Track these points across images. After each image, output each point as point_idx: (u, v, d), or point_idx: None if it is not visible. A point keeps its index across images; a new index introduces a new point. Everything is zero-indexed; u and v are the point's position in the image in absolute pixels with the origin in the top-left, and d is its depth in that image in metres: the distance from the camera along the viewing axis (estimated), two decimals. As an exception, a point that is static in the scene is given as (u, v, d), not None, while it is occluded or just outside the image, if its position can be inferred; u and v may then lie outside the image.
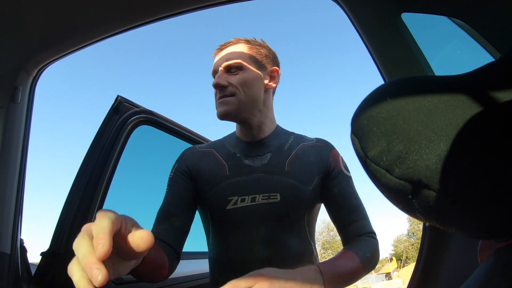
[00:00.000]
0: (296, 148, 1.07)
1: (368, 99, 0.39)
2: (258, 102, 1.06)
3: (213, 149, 1.11)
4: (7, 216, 1.10)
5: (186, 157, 1.11)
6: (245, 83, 1.02)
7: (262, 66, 1.08)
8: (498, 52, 0.80)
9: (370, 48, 0.94)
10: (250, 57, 1.06)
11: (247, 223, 0.98)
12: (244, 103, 1.02)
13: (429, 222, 0.35)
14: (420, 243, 0.92)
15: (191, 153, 1.12)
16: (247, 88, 1.02)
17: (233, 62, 1.03)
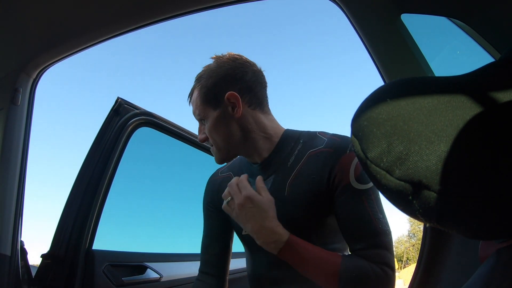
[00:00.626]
0: (301, 162, 0.94)
1: (368, 100, 0.39)
2: (236, 137, 0.97)
3: (232, 172, 1.10)
4: (7, 218, 1.10)
5: (209, 188, 1.13)
6: (212, 131, 0.97)
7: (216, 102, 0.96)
8: (498, 53, 0.80)
9: (370, 49, 0.94)
10: (202, 103, 0.97)
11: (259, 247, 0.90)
12: (224, 147, 0.98)
13: (430, 223, 0.35)
14: (421, 244, 0.92)
15: (213, 181, 1.13)
16: (216, 135, 0.97)
17: (197, 117, 1.01)
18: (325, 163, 0.90)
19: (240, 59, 0.99)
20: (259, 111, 0.99)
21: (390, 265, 0.83)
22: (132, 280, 1.40)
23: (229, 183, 0.90)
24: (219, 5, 1.05)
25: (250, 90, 0.97)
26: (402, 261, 36.86)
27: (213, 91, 0.96)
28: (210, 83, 0.96)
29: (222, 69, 0.96)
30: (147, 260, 1.52)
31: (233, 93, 0.94)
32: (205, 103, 0.97)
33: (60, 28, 1.08)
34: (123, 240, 1.75)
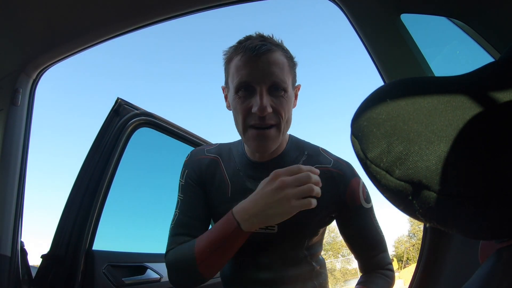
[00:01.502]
0: None
1: (368, 100, 0.39)
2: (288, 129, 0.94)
3: (220, 156, 1.00)
4: (7, 218, 1.10)
5: (194, 163, 1.01)
6: (288, 109, 0.88)
7: (294, 85, 0.93)
8: (498, 52, 0.80)
9: (370, 49, 0.94)
10: (290, 73, 0.89)
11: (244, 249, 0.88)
12: (283, 134, 0.89)
13: (430, 223, 0.35)
14: (421, 244, 0.92)
15: (199, 159, 1.01)
16: (288, 116, 0.88)
17: (281, 82, 0.85)
18: (336, 184, 0.94)
19: None
20: None
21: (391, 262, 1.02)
22: (132, 281, 1.40)
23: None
24: (219, 5, 1.05)
25: None
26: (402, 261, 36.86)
27: (295, 71, 0.94)
28: (294, 63, 0.94)
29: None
30: (147, 260, 1.52)
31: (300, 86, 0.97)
32: (290, 74, 0.89)
33: (60, 29, 1.08)
34: (123, 240, 1.75)
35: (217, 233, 0.84)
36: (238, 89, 0.86)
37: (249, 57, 0.84)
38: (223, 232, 0.82)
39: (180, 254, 0.88)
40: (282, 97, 0.86)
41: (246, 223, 0.81)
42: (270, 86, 0.85)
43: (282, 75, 0.85)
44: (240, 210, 0.82)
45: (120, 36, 1.13)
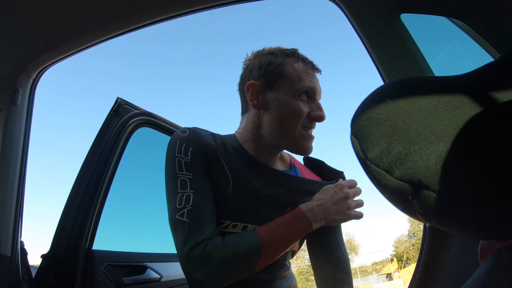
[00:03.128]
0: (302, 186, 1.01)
1: (368, 100, 0.39)
2: None
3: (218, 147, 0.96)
4: (7, 218, 1.10)
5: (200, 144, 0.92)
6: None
7: None
8: (498, 52, 0.80)
9: (370, 49, 0.94)
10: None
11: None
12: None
13: (429, 223, 0.35)
14: (421, 244, 0.92)
15: (203, 142, 0.93)
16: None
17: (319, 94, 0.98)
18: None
19: None
20: None
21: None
22: (132, 280, 1.40)
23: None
24: (219, 5, 1.05)
25: None
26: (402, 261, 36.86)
27: None
28: None
29: None
30: (147, 260, 1.52)
31: None
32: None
33: (60, 29, 1.08)
34: (123, 240, 1.75)
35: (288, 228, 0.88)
36: (301, 92, 0.93)
37: (310, 69, 0.97)
38: (295, 229, 0.88)
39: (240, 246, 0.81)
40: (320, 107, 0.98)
41: (316, 223, 0.90)
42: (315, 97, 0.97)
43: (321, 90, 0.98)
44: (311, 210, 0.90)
45: (120, 36, 1.13)
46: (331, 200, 0.92)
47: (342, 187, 0.94)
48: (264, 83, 0.95)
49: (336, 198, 0.92)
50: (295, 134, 0.93)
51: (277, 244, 0.85)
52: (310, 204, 0.91)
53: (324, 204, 0.91)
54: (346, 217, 0.93)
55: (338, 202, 0.92)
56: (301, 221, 0.89)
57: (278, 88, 0.94)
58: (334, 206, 0.91)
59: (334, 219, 0.92)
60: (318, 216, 0.90)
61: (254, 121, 0.97)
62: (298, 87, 0.92)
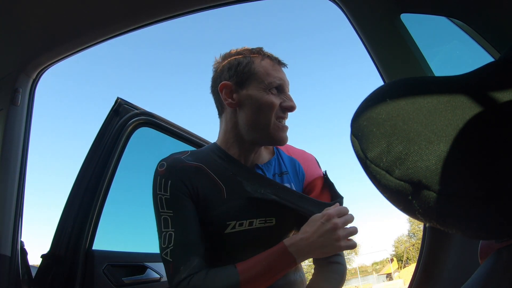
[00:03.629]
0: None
1: (368, 100, 0.39)
2: None
3: (202, 164, 0.99)
4: (7, 218, 1.10)
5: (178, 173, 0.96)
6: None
7: None
8: (498, 52, 0.80)
9: (370, 49, 0.94)
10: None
11: (246, 245, 0.98)
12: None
13: (429, 223, 0.35)
14: (421, 244, 0.92)
15: (183, 167, 0.97)
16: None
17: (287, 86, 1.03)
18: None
19: None
20: None
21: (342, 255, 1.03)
22: (132, 280, 1.40)
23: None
24: (219, 5, 1.05)
25: None
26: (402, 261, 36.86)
27: None
28: None
29: None
30: (147, 260, 1.52)
31: None
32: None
33: (60, 29, 1.08)
34: (123, 240, 1.75)
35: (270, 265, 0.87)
36: (272, 87, 0.98)
37: (277, 64, 1.03)
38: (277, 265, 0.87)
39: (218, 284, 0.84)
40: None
41: (301, 258, 0.88)
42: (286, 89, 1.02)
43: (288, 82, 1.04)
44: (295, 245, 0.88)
45: (120, 36, 1.13)
46: (317, 233, 0.87)
47: (330, 217, 0.88)
48: (236, 82, 1.01)
49: (323, 230, 0.87)
50: (270, 125, 0.97)
51: (257, 281, 0.85)
52: (295, 238, 0.89)
53: (309, 238, 0.87)
54: (336, 249, 0.87)
55: (325, 234, 0.87)
56: (284, 258, 0.87)
57: (249, 85, 0.99)
58: (321, 238, 0.87)
59: (323, 252, 0.88)
60: (303, 251, 0.87)
61: (231, 120, 1.02)
62: (268, 82, 0.98)
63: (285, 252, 0.87)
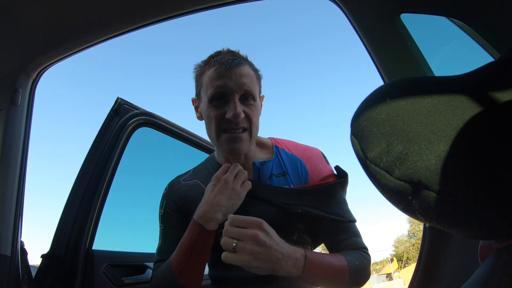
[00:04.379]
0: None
1: (368, 100, 0.39)
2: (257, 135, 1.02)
3: (198, 180, 1.07)
4: (7, 218, 1.10)
5: (172, 194, 1.08)
6: (257, 116, 0.97)
7: (260, 95, 1.03)
8: (498, 52, 0.80)
9: (370, 49, 0.94)
10: (257, 84, 0.99)
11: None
12: (253, 138, 0.98)
13: (429, 223, 0.35)
14: (421, 244, 0.92)
15: (177, 189, 1.08)
16: (257, 122, 0.98)
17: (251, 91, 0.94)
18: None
19: None
20: None
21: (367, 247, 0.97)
22: (132, 280, 1.40)
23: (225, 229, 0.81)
24: (219, 5, 1.05)
25: None
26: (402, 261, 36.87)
27: (260, 83, 1.02)
28: (260, 75, 1.02)
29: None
30: (147, 260, 1.52)
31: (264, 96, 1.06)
32: (257, 85, 0.99)
33: (60, 29, 1.08)
34: (123, 240, 1.75)
35: (186, 242, 0.91)
36: (212, 99, 0.94)
37: (223, 70, 0.93)
38: (191, 239, 0.91)
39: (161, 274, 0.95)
40: (252, 105, 0.95)
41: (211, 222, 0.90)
42: (242, 95, 0.93)
43: (252, 85, 0.94)
44: (197, 213, 0.92)
45: (120, 36, 1.13)
46: (213, 193, 0.91)
47: (217, 177, 0.93)
48: (196, 96, 1.03)
49: (217, 189, 0.91)
50: (219, 139, 0.95)
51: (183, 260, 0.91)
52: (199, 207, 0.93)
53: (208, 201, 0.91)
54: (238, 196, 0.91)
55: (221, 191, 0.90)
56: (193, 230, 0.91)
57: (201, 99, 1.00)
58: (218, 196, 0.90)
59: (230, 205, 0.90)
60: (208, 215, 0.89)
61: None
62: (209, 95, 0.94)
63: (193, 224, 0.91)
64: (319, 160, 1.06)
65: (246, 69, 0.95)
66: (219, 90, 0.92)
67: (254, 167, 1.03)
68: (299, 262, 0.82)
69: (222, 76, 0.92)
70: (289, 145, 1.10)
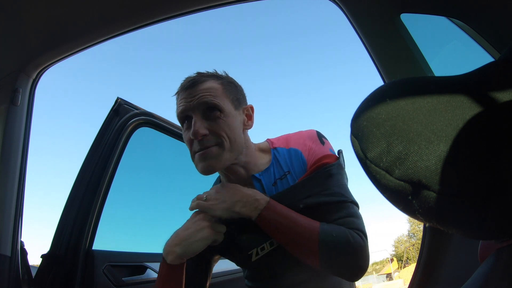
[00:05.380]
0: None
1: (368, 100, 0.39)
2: (241, 147, 0.94)
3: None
4: (7, 218, 1.10)
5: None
6: (229, 128, 0.90)
7: (238, 104, 0.95)
8: (498, 52, 0.80)
9: (370, 49, 0.94)
10: (227, 96, 0.93)
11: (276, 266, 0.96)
12: (229, 152, 0.91)
13: (429, 223, 0.35)
14: (421, 244, 0.92)
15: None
16: (232, 134, 0.90)
17: (212, 103, 0.89)
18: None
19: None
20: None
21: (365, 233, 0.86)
22: (132, 280, 1.40)
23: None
24: (219, 5, 1.05)
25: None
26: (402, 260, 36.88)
27: (236, 93, 0.96)
28: (234, 86, 0.97)
29: (237, 83, 1.01)
30: (147, 260, 1.52)
31: (252, 106, 0.99)
32: (227, 97, 0.93)
33: (60, 29, 1.08)
34: (123, 240, 1.75)
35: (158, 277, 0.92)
36: (181, 123, 0.95)
37: (183, 93, 0.92)
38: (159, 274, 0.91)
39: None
40: (219, 118, 0.89)
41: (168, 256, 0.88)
42: (203, 110, 0.89)
43: (213, 97, 0.90)
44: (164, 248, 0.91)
45: (120, 36, 1.13)
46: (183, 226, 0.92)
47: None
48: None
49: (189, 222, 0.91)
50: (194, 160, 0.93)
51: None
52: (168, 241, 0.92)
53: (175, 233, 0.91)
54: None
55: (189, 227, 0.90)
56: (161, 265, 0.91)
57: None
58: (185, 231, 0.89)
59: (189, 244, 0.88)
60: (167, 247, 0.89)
61: None
62: (179, 120, 0.95)
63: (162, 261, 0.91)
64: (312, 141, 0.99)
65: (208, 84, 0.92)
66: (183, 114, 0.92)
67: (254, 179, 0.98)
68: (258, 204, 0.85)
69: (184, 98, 0.91)
70: (286, 140, 1.04)
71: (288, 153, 1.00)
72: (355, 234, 0.83)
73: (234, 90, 0.96)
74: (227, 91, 0.93)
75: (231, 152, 0.91)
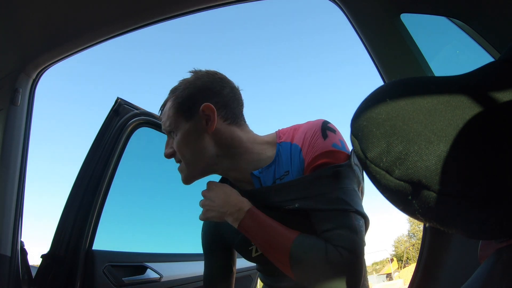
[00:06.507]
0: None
1: (368, 100, 0.39)
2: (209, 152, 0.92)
3: None
4: (7, 218, 1.10)
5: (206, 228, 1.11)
6: (181, 144, 0.92)
7: (190, 114, 0.91)
8: (498, 52, 0.80)
9: (369, 49, 0.94)
10: (174, 113, 0.92)
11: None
12: (193, 162, 0.93)
13: (429, 222, 0.35)
14: (421, 244, 0.92)
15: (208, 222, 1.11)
16: (185, 149, 0.92)
17: (166, 128, 0.95)
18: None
19: (218, 74, 0.97)
20: (235, 126, 0.93)
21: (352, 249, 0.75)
22: (132, 280, 1.40)
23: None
24: (219, 5, 1.05)
25: (227, 105, 0.93)
26: (402, 261, 36.87)
27: (187, 102, 0.92)
28: (186, 94, 0.92)
29: (200, 81, 0.93)
30: (147, 260, 1.52)
31: (209, 105, 0.90)
32: (178, 114, 0.92)
33: (60, 29, 1.08)
34: (123, 240, 1.75)
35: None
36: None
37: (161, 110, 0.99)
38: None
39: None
40: (175, 136, 0.94)
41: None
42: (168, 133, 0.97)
43: (169, 121, 0.94)
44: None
45: (120, 36, 1.13)
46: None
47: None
48: None
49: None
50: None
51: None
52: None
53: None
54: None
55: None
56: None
57: None
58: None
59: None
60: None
61: None
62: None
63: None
64: (312, 135, 0.88)
65: (166, 107, 0.96)
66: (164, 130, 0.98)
67: (253, 177, 0.94)
68: (238, 214, 0.86)
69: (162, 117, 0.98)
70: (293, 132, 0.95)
71: (290, 149, 0.92)
72: (333, 250, 0.74)
73: (186, 101, 0.92)
74: (179, 107, 0.92)
75: (194, 165, 0.93)
